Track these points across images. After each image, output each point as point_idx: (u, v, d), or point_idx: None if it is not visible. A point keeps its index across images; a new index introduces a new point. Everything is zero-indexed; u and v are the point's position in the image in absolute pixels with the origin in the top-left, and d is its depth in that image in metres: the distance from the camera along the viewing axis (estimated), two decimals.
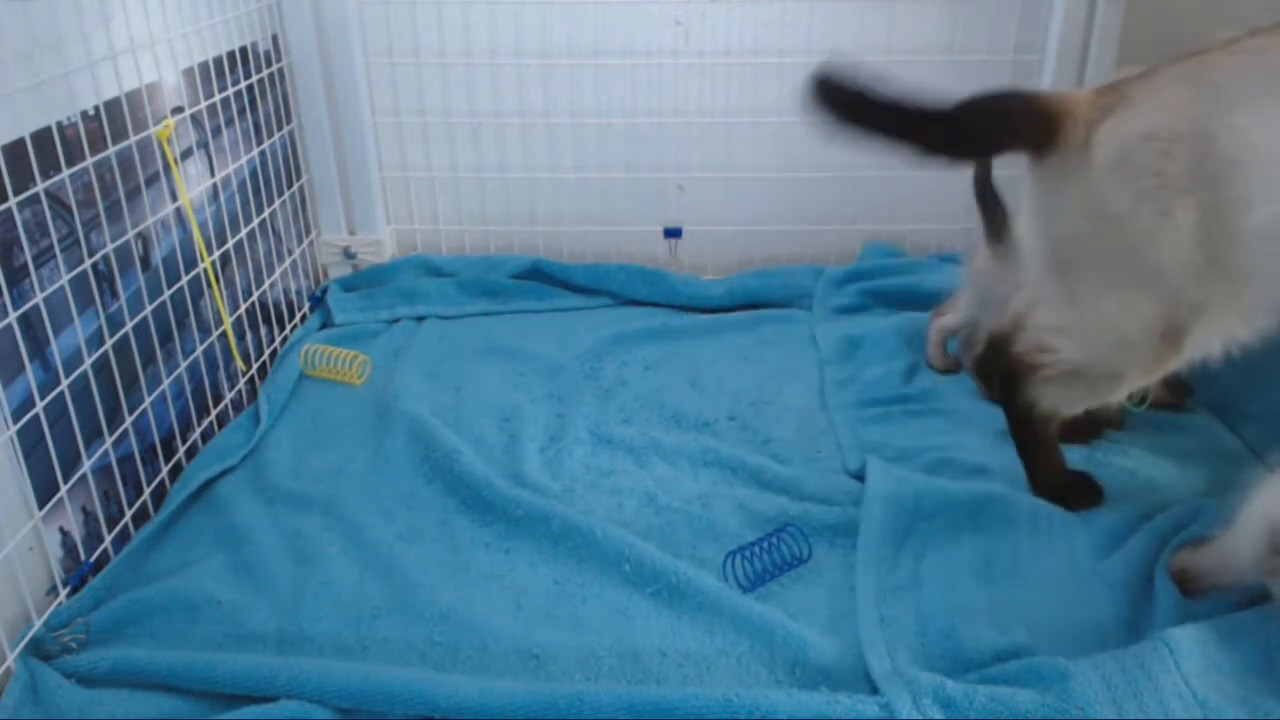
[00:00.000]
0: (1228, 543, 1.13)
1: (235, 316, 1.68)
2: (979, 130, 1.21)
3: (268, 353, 1.81)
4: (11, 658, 1.11)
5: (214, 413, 1.61)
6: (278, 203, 1.89)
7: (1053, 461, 1.38)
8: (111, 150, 1.35)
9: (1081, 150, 1.18)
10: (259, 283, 1.79)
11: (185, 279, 1.53)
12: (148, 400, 1.42)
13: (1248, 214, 1.11)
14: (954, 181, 1.52)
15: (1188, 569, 1.17)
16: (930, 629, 1.16)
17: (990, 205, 1.53)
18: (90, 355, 1.28)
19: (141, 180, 1.42)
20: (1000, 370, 1.39)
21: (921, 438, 1.52)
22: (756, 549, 1.27)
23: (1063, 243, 1.25)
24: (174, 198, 1.50)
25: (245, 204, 1.74)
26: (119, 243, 1.36)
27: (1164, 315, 1.19)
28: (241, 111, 1.74)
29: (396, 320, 1.94)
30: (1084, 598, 1.19)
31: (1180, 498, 1.35)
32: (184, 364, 1.52)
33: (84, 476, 1.27)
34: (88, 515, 1.28)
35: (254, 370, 1.75)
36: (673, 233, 2.14)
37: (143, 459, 1.40)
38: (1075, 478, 1.38)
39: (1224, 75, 1.13)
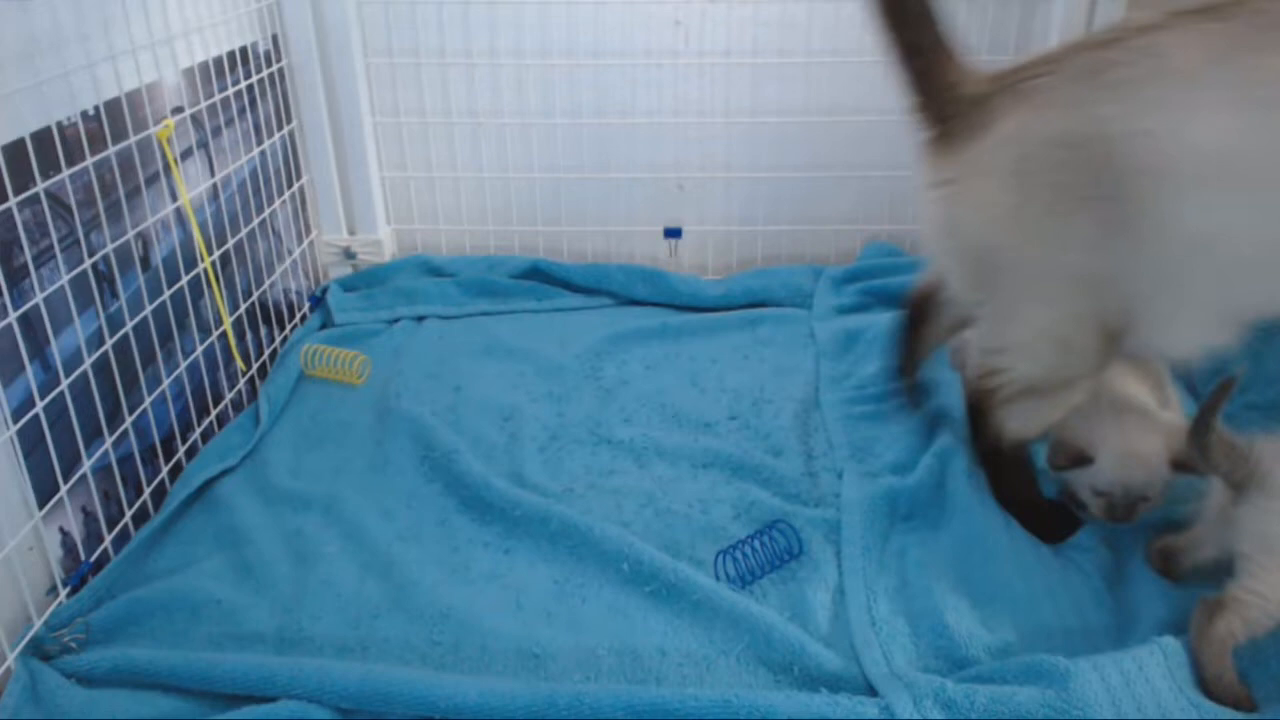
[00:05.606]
0: (1202, 512, 1.16)
1: (235, 316, 1.68)
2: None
3: (268, 353, 1.81)
4: (11, 658, 1.11)
5: (214, 413, 1.61)
6: (278, 203, 1.89)
7: (1028, 492, 1.31)
8: (111, 150, 1.35)
9: (976, 152, 1.10)
10: (259, 283, 1.79)
11: (185, 279, 1.53)
12: (148, 400, 1.42)
13: (1160, 227, 1.03)
14: None
15: (1167, 546, 1.20)
16: (922, 628, 1.17)
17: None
18: (90, 355, 1.28)
19: (141, 180, 1.42)
20: (967, 404, 1.34)
21: (909, 435, 1.52)
22: (746, 547, 1.27)
23: (976, 256, 1.17)
24: (174, 198, 1.50)
25: (245, 204, 1.74)
26: (119, 243, 1.36)
27: (1099, 315, 1.13)
28: (241, 111, 1.74)
29: (396, 320, 1.94)
30: (1063, 585, 1.21)
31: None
32: (184, 364, 1.52)
33: (84, 476, 1.27)
34: (88, 515, 1.28)
35: (254, 370, 1.75)
36: (673, 233, 2.14)
37: (143, 459, 1.40)
38: (1052, 507, 1.31)
39: (1126, 74, 1.03)
